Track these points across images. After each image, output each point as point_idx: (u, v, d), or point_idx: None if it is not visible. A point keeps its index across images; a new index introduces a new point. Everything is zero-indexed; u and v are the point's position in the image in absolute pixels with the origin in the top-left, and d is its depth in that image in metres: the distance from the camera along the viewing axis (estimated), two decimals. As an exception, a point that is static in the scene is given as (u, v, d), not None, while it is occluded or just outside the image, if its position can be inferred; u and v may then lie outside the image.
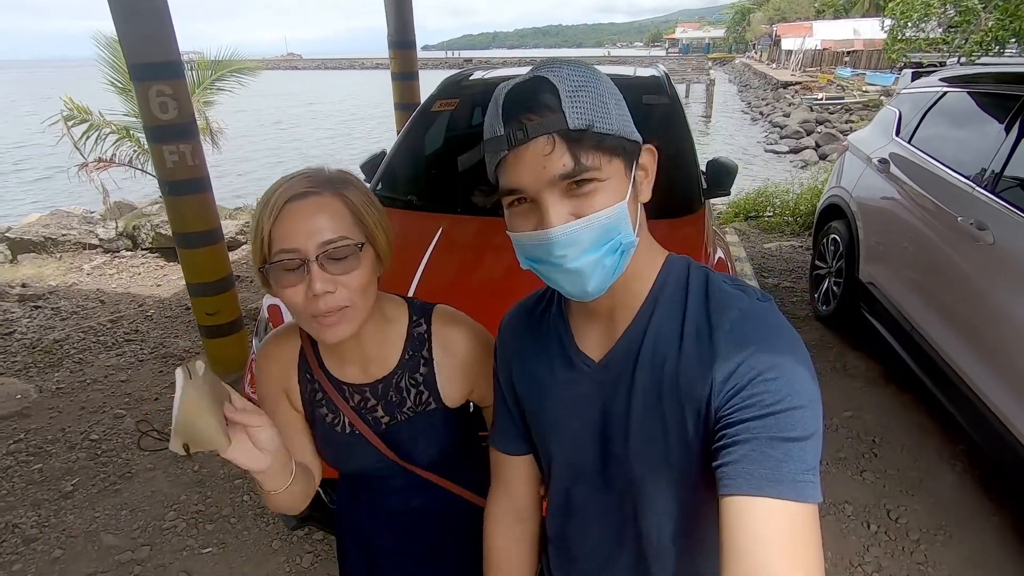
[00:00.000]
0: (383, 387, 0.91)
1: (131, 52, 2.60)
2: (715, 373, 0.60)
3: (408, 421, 0.92)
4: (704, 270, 0.69)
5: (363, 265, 0.77)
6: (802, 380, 0.58)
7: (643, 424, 0.66)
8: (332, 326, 0.77)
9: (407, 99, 5.27)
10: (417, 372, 0.92)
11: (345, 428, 0.92)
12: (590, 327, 0.72)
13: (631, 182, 0.63)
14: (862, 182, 3.33)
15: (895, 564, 2.01)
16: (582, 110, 0.58)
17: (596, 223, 0.60)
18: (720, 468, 0.58)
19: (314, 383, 0.92)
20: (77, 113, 5.51)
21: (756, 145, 17.06)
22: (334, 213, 0.76)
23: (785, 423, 0.56)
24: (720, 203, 6.58)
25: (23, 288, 4.51)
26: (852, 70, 27.37)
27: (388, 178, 2.75)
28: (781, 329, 0.62)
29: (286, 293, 0.76)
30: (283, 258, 0.74)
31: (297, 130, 21.80)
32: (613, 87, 0.63)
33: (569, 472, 0.76)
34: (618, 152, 0.61)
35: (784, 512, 0.54)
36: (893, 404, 2.88)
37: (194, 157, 2.76)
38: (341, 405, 0.91)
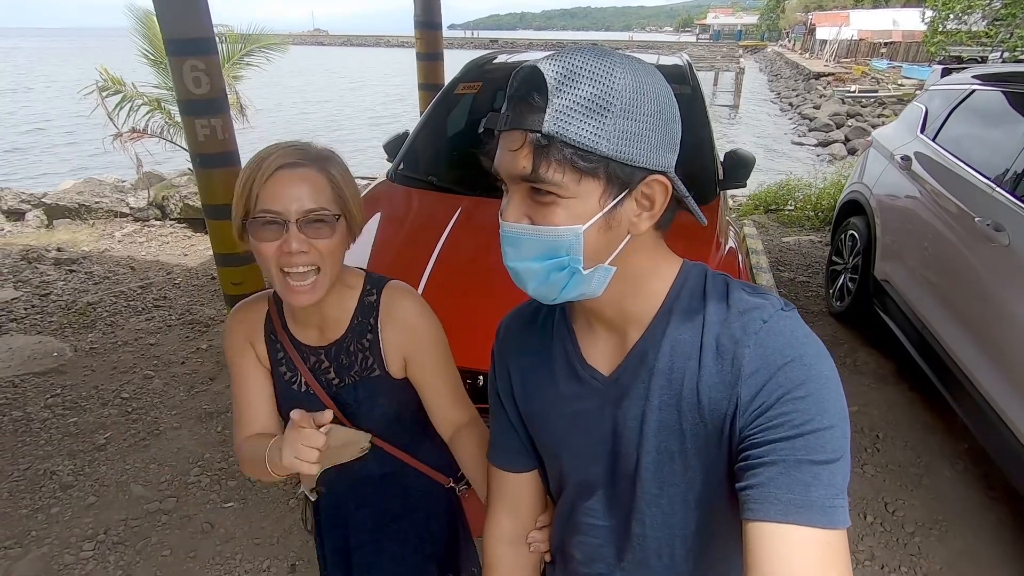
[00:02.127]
0: (335, 350, 0.99)
1: (167, 27, 2.68)
2: (740, 390, 0.57)
3: (355, 385, 0.99)
4: (723, 277, 0.65)
5: (336, 234, 0.87)
6: (831, 398, 0.56)
7: (659, 442, 0.63)
8: (301, 293, 0.86)
9: (431, 79, 5.30)
10: (364, 338, 0.99)
11: (301, 386, 1.00)
12: (597, 338, 0.69)
13: (605, 210, 0.56)
14: (883, 179, 3.31)
15: (888, 553, 2.06)
16: (564, 117, 0.53)
17: (540, 237, 0.57)
18: (745, 491, 0.55)
19: (277, 343, 1.00)
20: (111, 84, 5.65)
21: (783, 137, 16.74)
22: (317, 185, 0.85)
23: (814, 445, 0.53)
24: (741, 195, 6.54)
25: (58, 252, 4.70)
26: (888, 62, 26.53)
27: (409, 158, 2.82)
28: (808, 342, 0.58)
29: (262, 246, 0.84)
30: (267, 216, 0.83)
31: (330, 104, 21.91)
32: (641, 100, 0.54)
33: (576, 490, 0.74)
34: (595, 174, 0.55)
35: (814, 539, 0.52)
36: (900, 401, 2.90)
37: (224, 131, 2.85)
38: (299, 364, 0.99)
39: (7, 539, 2.07)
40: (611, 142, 0.54)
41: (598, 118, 0.53)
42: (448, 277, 1.97)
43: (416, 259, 2.03)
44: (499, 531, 0.83)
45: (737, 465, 0.57)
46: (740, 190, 6.56)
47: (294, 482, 2.31)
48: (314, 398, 0.99)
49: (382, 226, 2.39)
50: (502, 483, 0.82)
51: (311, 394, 0.99)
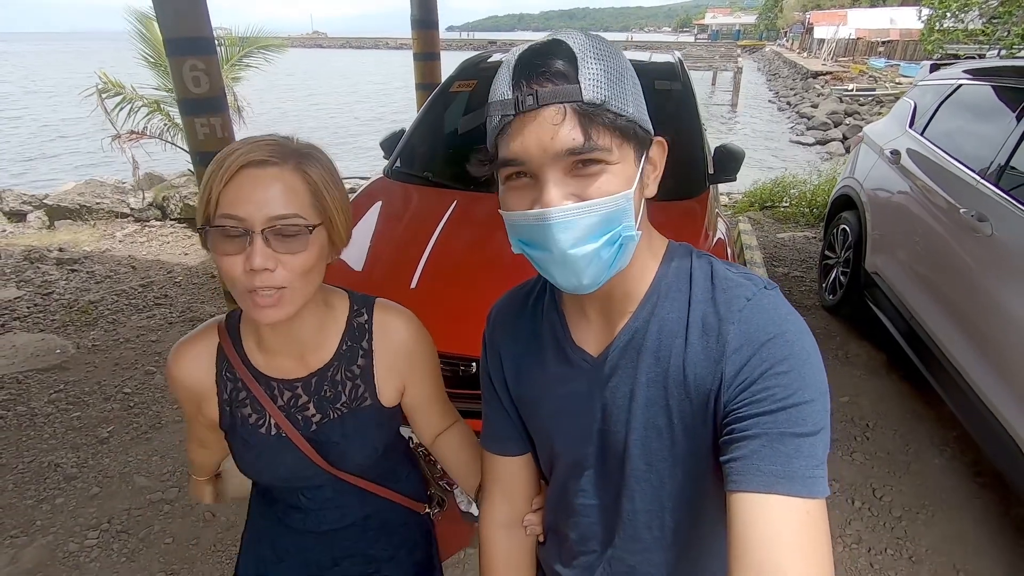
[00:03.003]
0: (317, 380, 0.85)
1: (166, 27, 2.73)
2: (725, 366, 0.59)
3: (340, 419, 0.86)
4: (708, 258, 0.66)
5: (310, 248, 0.72)
6: (812, 372, 0.57)
7: (647, 418, 0.64)
8: (267, 307, 0.71)
9: (428, 79, 5.35)
10: (354, 364, 0.86)
11: (270, 430, 0.84)
12: (587, 320, 0.69)
13: (639, 172, 0.59)
14: (873, 173, 3.35)
15: (875, 537, 2.10)
16: (599, 84, 0.54)
17: (598, 209, 0.56)
18: (729, 463, 0.56)
19: (236, 381, 0.84)
20: (110, 86, 5.69)
21: (781, 136, 16.79)
22: (291, 188, 0.70)
23: (796, 418, 0.55)
24: (736, 192, 6.59)
25: (60, 252, 4.75)
26: (886, 61, 26.59)
27: (405, 155, 2.87)
28: (790, 319, 0.59)
29: (224, 260, 0.70)
30: (226, 223, 0.68)
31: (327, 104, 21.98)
32: (632, 69, 0.59)
33: (567, 470, 0.74)
34: (630, 137, 0.57)
35: (795, 509, 0.53)
36: (891, 392, 2.94)
37: (223, 130, 2.90)
38: (267, 404, 0.84)
39: (13, 528, 2.11)
40: (632, 106, 0.57)
41: (621, 85, 0.56)
42: (442, 267, 2.02)
43: (411, 251, 2.08)
44: (495, 515, 0.83)
45: (721, 439, 0.59)
46: (736, 187, 6.63)
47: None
48: (286, 442, 0.84)
49: (379, 221, 2.44)
50: (496, 468, 0.82)
51: (283, 438, 0.84)
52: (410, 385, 0.91)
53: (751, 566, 0.52)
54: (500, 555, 0.84)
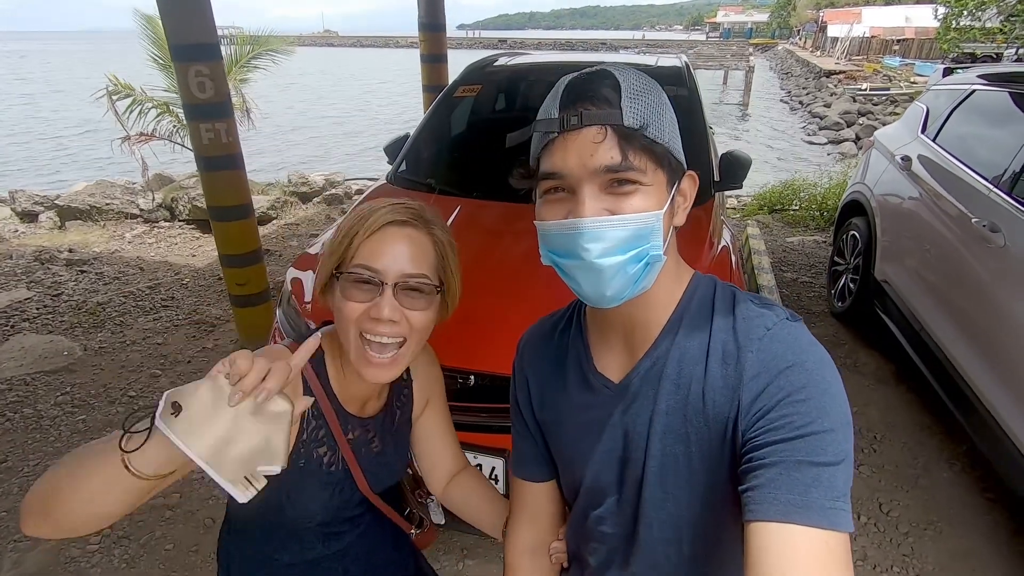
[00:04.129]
0: (383, 417, 0.90)
1: (172, 33, 2.74)
2: (742, 394, 0.59)
3: (395, 444, 0.91)
4: (731, 288, 0.67)
5: (432, 307, 0.79)
6: (833, 402, 0.56)
7: (665, 446, 0.65)
8: (378, 366, 0.76)
9: (435, 81, 5.34)
10: (403, 392, 0.94)
11: (338, 466, 0.84)
12: (609, 347, 0.71)
13: (670, 198, 0.62)
14: (884, 179, 3.30)
15: (880, 553, 2.07)
16: (639, 112, 0.59)
17: (628, 224, 0.60)
18: (746, 492, 0.56)
19: (319, 418, 0.82)
20: (121, 88, 5.75)
21: (793, 136, 16.63)
22: (424, 250, 0.77)
23: (814, 447, 0.54)
24: (745, 195, 6.52)
25: (70, 253, 4.80)
26: (901, 59, 26.24)
27: (409, 161, 2.86)
28: (811, 349, 0.60)
29: (348, 305, 0.75)
30: (363, 273, 0.74)
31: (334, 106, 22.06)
32: (670, 107, 0.64)
33: (587, 497, 0.75)
34: (664, 163, 0.61)
35: (812, 540, 0.52)
36: (899, 403, 2.89)
37: (228, 135, 2.91)
38: (340, 440, 0.84)
39: (17, 532, 2.13)
40: (668, 137, 0.61)
41: (660, 116, 0.61)
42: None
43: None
44: (520, 541, 0.85)
45: (740, 468, 0.58)
46: (745, 190, 6.56)
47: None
48: (347, 475, 0.85)
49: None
50: (523, 494, 0.84)
51: (346, 471, 0.85)
52: (429, 409, 0.96)
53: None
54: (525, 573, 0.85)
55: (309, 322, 1.98)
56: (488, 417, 1.71)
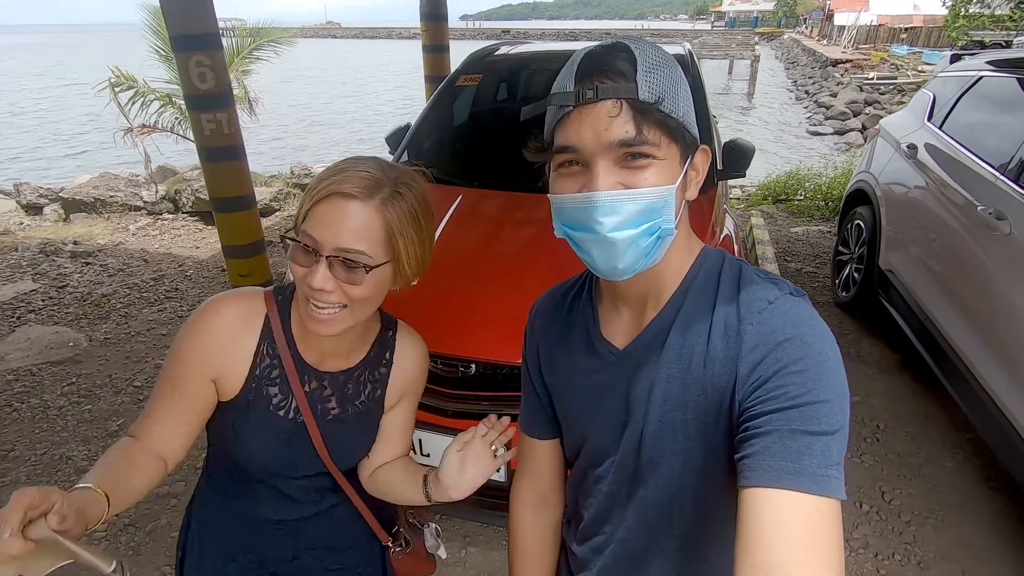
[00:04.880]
0: (343, 378, 0.91)
1: (173, 24, 2.74)
2: (740, 365, 0.60)
3: (356, 415, 0.92)
4: (738, 263, 0.68)
5: (368, 282, 0.77)
6: (829, 374, 0.57)
7: (664, 413, 0.66)
8: (319, 321, 0.78)
9: (437, 71, 5.32)
10: (378, 370, 0.94)
11: (289, 413, 0.87)
12: (617, 315, 0.73)
13: (683, 173, 0.63)
14: (889, 168, 3.27)
15: (882, 542, 2.07)
16: (655, 86, 0.59)
17: (641, 198, 0.61)
18: (741, 460, 0.57)
19: (275, 359, 0.86)
20: (124, 80, 5.74)
21: (798, 126, 16.48)
22: (366, 227, 0.75)
23: (809, 416, 0.55)
24: (749, 185, 6.49)
25: (75, 245, 4.82)
26: (909, 48, 25.95)
27: (410, 150, 2.85)
28: (811, 323, 0.60)
29: (294, 266, 0.78)
30: (304, 240, 0.76)
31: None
32: (685, 80, 0.63)
33: (588, 458, 0.78)
34: (678, 138, 0.61)
35: (803, 505, 0.52)
36: (903, 392, 2.88)
37: (230, 125, 2.91)
38: (296, 388, 0.87)
39: (24, 520, 2.16)
40: (683, 112, 0.61)
41: (675, 90, 0.61)
42: (444, 266, 2.00)
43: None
44: (523, 494, 0.90)
45: (736, 437, 0.60)
46: (749, 180, 6.53)
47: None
48: (301, 428, 0.88)
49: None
50: (528, 451, 0.88)
51: (300, 423, 0.88)
52: (403, 403, 0.98)
53: (754, 559, 0.52)
54: (527, 531, 0.89)
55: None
56: (489, 405, 1.72)
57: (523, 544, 0.90)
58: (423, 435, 1.77)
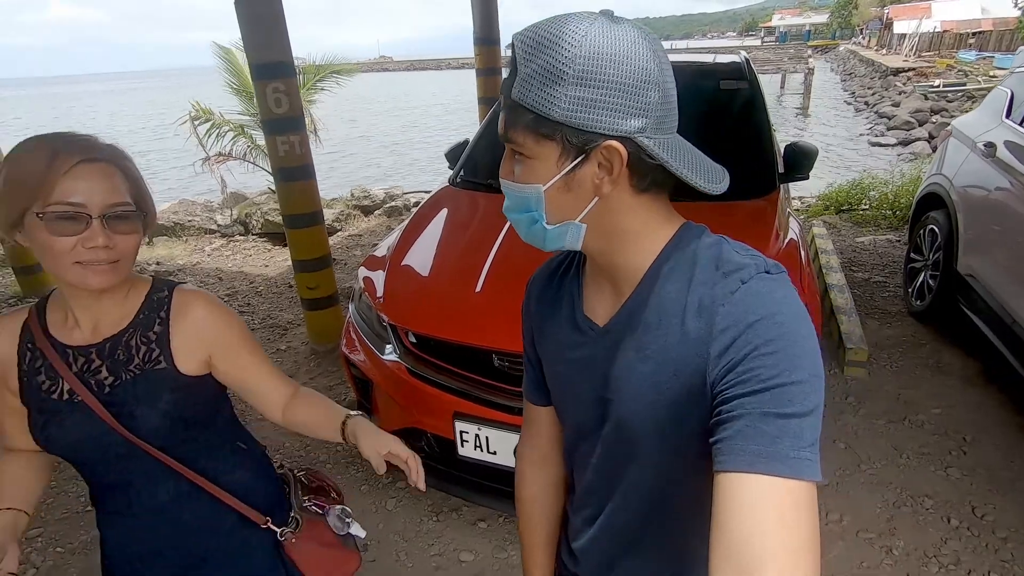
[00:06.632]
0: (111, 346, 0.92)
1: (253, 53, 2.97)
2: (711, 347, 0.59)
3: (133, 380, 0.92)
4: (718, 238, 0.66)
5: (137, 231, 0.86)
6: (802, 354, 0.55)
7: (639, 391, 0.66)
8: (99, 273, 0.83)
9: (490, 93, 5.50)
10: (151, 330, 0.94)
11: (63, 395, 0.90)
12: (598, 292, 0.73)
13: (562, 172, 0.60)
14: (965, 168, 3.12)
15: (976, 559, 1.93)
16: (525, 84, 0.58)
17: (515, 191, 0.64)
18: (715, 445, 0.56)
19: (35, 351, 0.92)
20: (201, 114, 6.22)
21: (858, 137, 15.85)
22: (120, 180, 0.84)
23: (781, 398, 0.53)
24: (809, 196, 6.29)
25: (158, 265, 5.20)
26: (977, 53, 24.63)
27: (470, 164, 2.95)
28: (785, 302, 0.58)
29: (57, 240, 0.80)
30: (67, 210, 0.79)
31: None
32: (599, 67, 0.56)
33: (574, 431, 0.79)
34: (551, 138, 0.59)
35: (776, 488, 0.51)
36: (989, 403, 2.70)
37: (302, 147, 3.10)
38: (61, 370, 0.90)
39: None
40: (563, 109, 0.57)
41: (552, 86, 0.56)
42: (505, 272, 2.06)
43: (476, 257, 2.14)
44: (526, 453, 0.93)
45: (711, 422, 0.58)
46: (809, 190, 6.33)
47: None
48: (80, 406, 0.90)
49: (444, 228, 2.52)
50: (528, 413, 0.91)
51: (75, 402, 0.90)
52: (222, 357, 0.98)
53: (727, 542, 0.51)
54: (529, 487, 0.92)
55: (381, 315, 2.08)
56: (516, 399, 1.75)
57: (527, 498, 0.93)
58: (490, 432, 1.81)
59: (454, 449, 1.91)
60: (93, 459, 0.93)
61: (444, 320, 1.95)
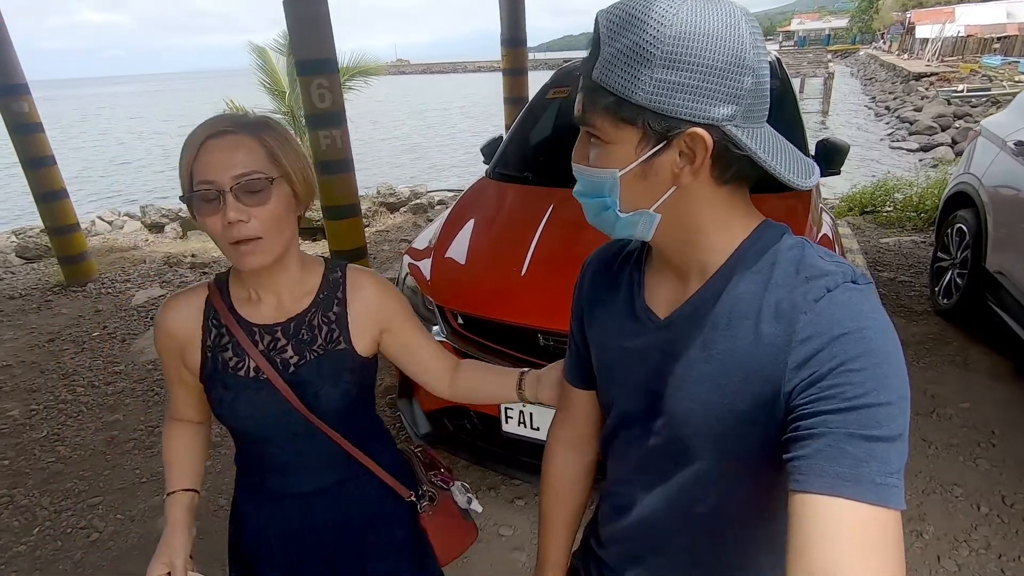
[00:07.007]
0: (295, 325, 0.93)
1: (299, 51, 3.10)
2: (789, 357, 0.55)
3: (317, 360, 0.93)
4: (800, 240, 0.62)
5: (275, 198, 0.82)
6: (891, 374, 0.52)
7: (699, 391, 0.62)
8: (248, 254, 0.82)
9: (516, 93, 5.60)
10: (330, 311, 0.95)
11: (249, 372, 0.91)
12: (662, 283, 0.70)
13: (640, 159, 0.58)
14: (994, 167, 3.14)
15: (1006, 544, 1.97)
16: (607, 65, 0.56)
17: (588, 176, 0.62)
18: (792, 462, 0.53)
19: (220, 328, 0.92)
20: (236, 112, 6.39)
21: (879, 143, 15.73)
22: (249, 150, 0.81)
23: (869, 419, 0.50)
24: (833, 198, 6.30)
25: (192, 258, 5.37)
26: (1003, 58, 24.27)
27: (507, 157, 3.05)
28: (873, 315, 0.55)
29: (207, 222, 0.81)
30: (202, 189, 0.80)
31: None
32: (692, 48, 0.53)
33: (618, 417, 0.76)
34: (632, 122, 0.56)
35: (861, 514, 0.49)
36: (1019, 399, 2.72)
37: (343, 141, 3.23)
38: (248, 347, 0.91)
39: (173, 483, 2.44)
40: (647, 92, 0.54)
41: (637, 67, 0.54)
42: (549, 255, 2.15)
43: (520, 242, 2.23)
44: (558, 433, 0.91)
45: (785, 436, 0.55)
46: (833, 191, 6.34)
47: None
48: (265, 384, 0.91)
49: (484, 218, 2.61)
50: (566, 394, 0.89)
51: (261, 380, 0.91)
52: (389, 332, 0.99)
53: (807, 568, 0.49)
54: (558, 468, 0.90)
55: (428, 297, 2.18)
56: None
57: (554, 479, 0.90)
58: (534, 409, 1.90)
59: (498, 426, 2.00)
60: (271, 436, 0.95)
61: (491, 301, 2.04)
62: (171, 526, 0.95)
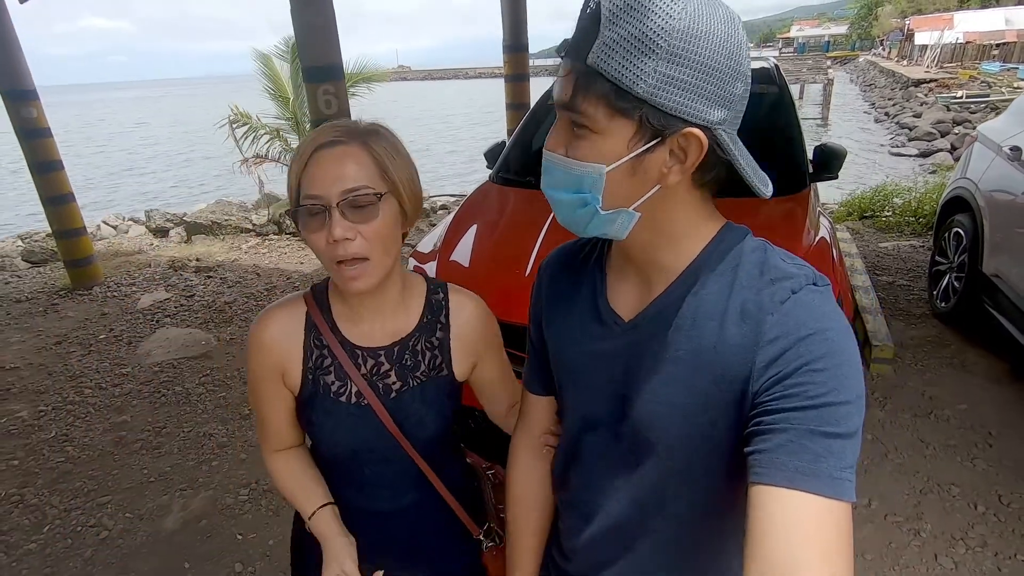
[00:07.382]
0: (399, 350, 0.89)
1: (306, 57, 3.15)
2: (757, 356, 0.56)
3: (420, 387, 0.90)
4: (762, 243, 0.63)
5: (383, 215, 0.78)
6: (851, 375, 0.54)
7: (667, 392, 0.63)
8: (352, 279, 0.78)
9: (518, 99, 5.66)
10: (434, 336, 0.91)
11: (351, 398, 0.87)
12: (625, 284, 0.69)
13: (633, 153, 0.55)
14: (991, 172, 3.19)
15: (1003, 542, 2.00)
16: (607, 51, 0.52)
17: (568, 169, 0.58)
18: (752, 455, 0.55)
19: (323, 348, 0.87)
20: (240, 117, 6.46)
21: (879, 148, 15.79)
22: (359, 162, 0.76)
23: (829, 417, 0.52)
24: (832, 202, 6.35)
25: (197, 262, 5.41)
26: (1001, 64, 24.39)
27: (510, 161, 3.09)
28: (834, 317, 0.57)
29: (311, 237, 0.77)
30: (308, 203, 0.76)
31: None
32: (694, 45, 0.52)
33: (581, 421, 0.74)
34: (627, 115, 0.54)
35: (817, 506, 0.51)
36: (1016, 400, 2.76)
37: (348, 146, 3.27)
38: (351, 372, 0.87)
39: (182, 483, 2.48)
40: (649, 85, 0.52)
41: (641, 57, 0.51)
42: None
43: (523, 243, 2.27)
44: (518, 440, 0.89)
45: (747, 430, 0.57)
46: (832, 197, 6.39)
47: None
48: (367, 411, 0.87)
49: (488, 221, 2.66)
50: (525, 402, 0.88)
51: (364, 405, 0.87)
52: (482, 362, 0.96)
53: (765, 557, 0.51)
54: (523, 475, 0.88)
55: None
56: None
57: (519, 485, 0.88)
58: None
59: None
60: (360, 457, 0.92)
61: (496, 301, 2.06)
62: (328, 539, 0.92)
